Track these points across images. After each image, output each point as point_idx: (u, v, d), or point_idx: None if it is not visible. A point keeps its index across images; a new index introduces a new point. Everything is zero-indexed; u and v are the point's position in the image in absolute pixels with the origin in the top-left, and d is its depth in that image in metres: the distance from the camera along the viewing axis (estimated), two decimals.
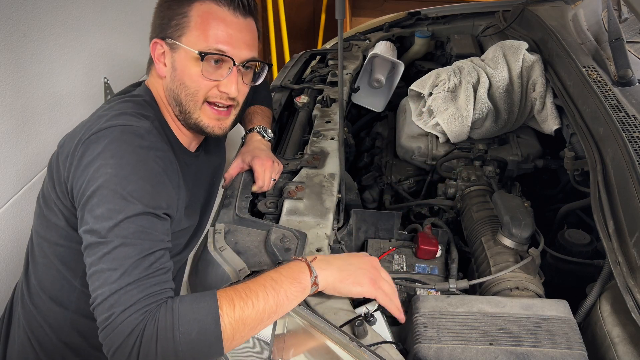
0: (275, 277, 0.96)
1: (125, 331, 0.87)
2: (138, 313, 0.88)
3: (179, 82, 1.12)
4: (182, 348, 0.87)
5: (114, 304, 0.88)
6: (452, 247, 1.38)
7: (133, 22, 2.35)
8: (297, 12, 4.63)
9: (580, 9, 2.08)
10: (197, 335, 0.88)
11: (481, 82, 1.75)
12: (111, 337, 0.87)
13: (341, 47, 1.15)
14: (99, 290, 0.90)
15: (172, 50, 1.11)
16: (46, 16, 1.78)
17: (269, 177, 1.39)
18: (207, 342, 0.89)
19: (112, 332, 0.87)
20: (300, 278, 0.98)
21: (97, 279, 0.91)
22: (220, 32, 1.09)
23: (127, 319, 0.87)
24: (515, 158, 1.68)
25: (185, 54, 1.10)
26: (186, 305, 0.90)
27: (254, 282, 0.95)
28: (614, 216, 1.13)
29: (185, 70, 1.11)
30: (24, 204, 1.74)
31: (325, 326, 0.99)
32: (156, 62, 1.14)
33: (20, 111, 1.68)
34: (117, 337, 0.87)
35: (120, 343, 0.87)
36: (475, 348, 0.97)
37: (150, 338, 0.86)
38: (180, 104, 1.14)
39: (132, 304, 0.88)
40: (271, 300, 0.93)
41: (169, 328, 0.87)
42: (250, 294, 0.92)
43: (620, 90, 1.46)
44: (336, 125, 1.69)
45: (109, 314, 0.88)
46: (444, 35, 2.52)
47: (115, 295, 0.89)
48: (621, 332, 0.98)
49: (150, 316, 0.88)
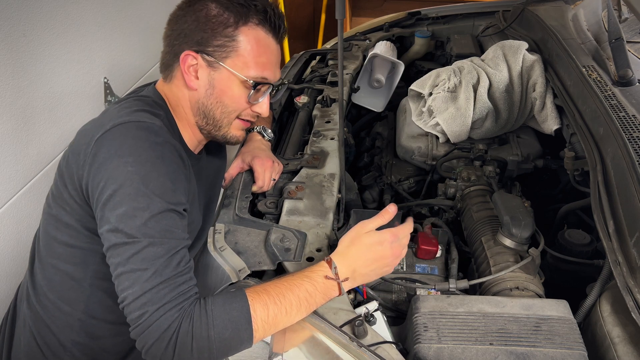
0: (311, 291, 1.00)
1: (161, 327, 0.89)
2: (173, 310, 0.91)
3: (216, 100, 1.13)
4: (217, 346, 0.92)
5: (146, 303, 0.91)
6: (452, 247, 1.37)
7: (133, 22, 2.35)
8: (297, 12, 4.63)
9: (580, 9, 2.08)
10: (230, 335, 0.93)
11: (481, 82, 1.75)
12: (146, 333, 0.90)
13: (341, 47, 1.15)
14: (130, 290, 0.92)
15: (211, 67, 1.11)
16: (46, 16, 1.78)
17: (269, 177, 1.39)
18: (239, 340, 0.94)
19: (147, 328, 0.90)
20: (331, 294, 1.03)
21: (127, 279, 0.92)
22: (266, 60, 1.12)
23: (162, 316, 0.90)
24: (515, 158, 1.68)
25: (229, 76, 1.11)
26: (219, 306, 0.94)
27: (288, 289, 0.99)
28: (614, 216, 1.13)
29: (227, 91, 1.12)
30: (24, 204, 1.74)
31: (325, 326, 0.99)
32: (186, 73, 1.12)
33: (20, 111, 1.68)
34: (153, 333, 0.89)
35: (157, 338, 0.89)
36: (475, 348, 0.97)
37: (187, 334, 0.90)
38: (213, 118, 1.16)
39: (166, 302, 0.91)
40: (303, 311, 1.00)
41: (204, 327, 0.91)
42: (284, 301, 0.97)
43: (620, 90, 1.46)
44: (336, 125, 1.69)
45: (141, 312, 0.90)
46: (444, 35, 2.52)
47: (147, 294, 0.91)
48: (621, 332, 0.98)
49: (185, 314, 0.91)
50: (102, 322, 1.16)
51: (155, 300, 0.91)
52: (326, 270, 1.03)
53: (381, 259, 1.06)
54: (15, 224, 1.71)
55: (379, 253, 1.06)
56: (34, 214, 1.76)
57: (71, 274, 1.12)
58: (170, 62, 1.15)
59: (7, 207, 1.67)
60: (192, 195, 1.13)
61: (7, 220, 1.68)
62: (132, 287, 0.92)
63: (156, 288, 0.91)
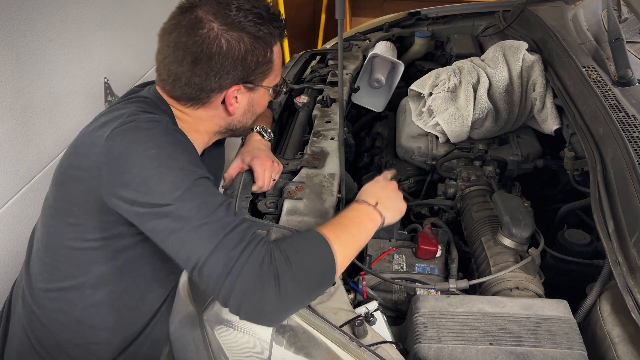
0: (357, 215, 1.12)
1: (256, 262, 0.90)
2: (259, 245, 0.92)
3: (252, 114, 1.24)
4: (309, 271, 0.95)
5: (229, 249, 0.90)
6: (452, 247, 1.37)
7: (133, 22, 2.35)
8: (297, 12, 4.63)
9: (580, 9, 2.08)
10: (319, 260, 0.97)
11: (481, 82, 1.75)
12: (242, 278, 0.88)
13: (341, 47, 1.15)
14: (201, 247, 0.91)
15: (250, 91, 1.18)
16: (46, 16, 1.78)
17: (268, 177, 1.39)
18: (326, 266, 0.98)
19: (240, 273, 0.88)
20: (374, 218, 1.15)
21: (191, 241, 0.92)
22: (281, 65, 1.24)
23: (252, 253, 0.91)
24: (515, 158, 1.68)
25: (264, 92, 1.21)
26: (297, 238, 1.01)
27: (342, 219, 1.09)
28: (614, 216, 1.13)
29: (261, 103, 1.23)
30: (24, 204, 1.74)
31: (325, 326, 0.99)
32: (229, 104, 1.16)
33: (20, 111, 1.68)
34: (250, 273, 0.89)
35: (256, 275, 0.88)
36: (475, 348, 0.97)
37: (283, 262, 0.92)
38: (244, 127, 1.26)
39: (249, 241, 0.92)
40: (363, 234, 1.10)
41: (294, 254, 0.94)
42: (346, 229, 1.06)
43: (620, 90, 1.46)
44: (336, 125, 1.69)
45: (227, 260, 0.89)
46: (444, 35, 2.52)
47: (225, 242, 0.91)
48: (621, 332, 0.98)
49: (271, 247, 0.93)
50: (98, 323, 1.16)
51: (234, 244, 0.91)
52: (356, 202, 1.16)
53: (387, 187, 1.24)
54: (15, 224, 1.71)
55: (382, 184, 1.25)
56: (34, 214, 1.75)
57: (69, 275, 1.12)
58: (197, 95, 1.13)
59: (7, 207, 1.67)
60: None
61: (7, 220, 1.68)
62: (202, 244, 0.91)
63: (229, 235, 0.92)
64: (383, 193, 1.21)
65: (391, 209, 1.20)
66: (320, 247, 0.98)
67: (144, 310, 1.21)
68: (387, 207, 1.18)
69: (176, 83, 1.11)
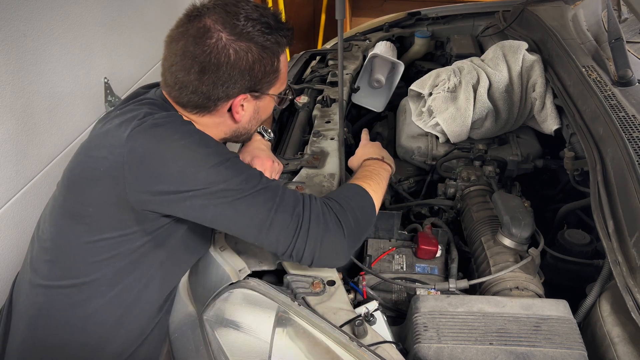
0: (375, 169, 1.31)
1: (319, 213, 1.05)
2: (312, 200, 1.08)
3: (257, 121, 1.25)
4: (359, 213, 1.11)
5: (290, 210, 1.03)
6: (452, 247, 1.38)
7: (133, 22, 2.35)
8: (297, 12, 4.63)
9: (580, 9, 2.08)
10: (363, 205, 1.15)
11: (481, 82, 1.75)
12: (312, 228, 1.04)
13: (341, 47, 1.15)
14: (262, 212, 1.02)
15: (257, 99, 1.19)
16: (46, 16, 1.78)
17: None
18: (370, 209, 1.17)
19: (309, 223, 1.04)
20: (387, 168, 1.36)
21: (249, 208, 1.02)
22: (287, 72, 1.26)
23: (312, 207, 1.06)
24: (515, 158, 1.68)
25: (270, 99, 1.22)
26: (341, 190, 1.19)
27: (367, 172, 1.29)
28: (614, 216, 1.13)
29: (267, 110, 1.25)
30: (24, 203, 1.74)
31: (325, 326, 0.99)
32: (236, 112, 1.17)
33: (20, 111, 1.68)
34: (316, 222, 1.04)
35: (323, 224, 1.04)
36: (475, 348, 0.98)
37: (340, 209, 1.08)
38: (248, 133, 1.28)
39: (302, 198, 1.07)
40: (383, 181, 1.29)
41: (344, 201, 1.11)
42: (374, 179, 1.25)
43: (620, 90, 1.46)
44: (336, 125, 1.69)
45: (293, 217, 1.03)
46: (444, 35, 2.52)
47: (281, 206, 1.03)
48: (621, 332, 0.98)
49: (322, 200, 1.10)
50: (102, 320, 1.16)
51: (293, 203, 1.04)
52: (366, 160, 1.38)
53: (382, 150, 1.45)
54: (15, 223, 1.71)
55: (379, 147, 1.47)
56: (34, 214, 1.76)
57: (74, 273, 1.12)
58: (204, 104, 1.13)
59: (7, 207, 1.67)
60: None
61: (7, 220, 1.68)
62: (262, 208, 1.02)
63: (282, 197, 1.04)
64: (381, 151, 1.45)
65: (391, 161, 1.42)
66: (361, 194, 1.17)
67: (147, 309, 1.21)
68: (389, 159, 1.41)
69: (183, 90, 1.11)
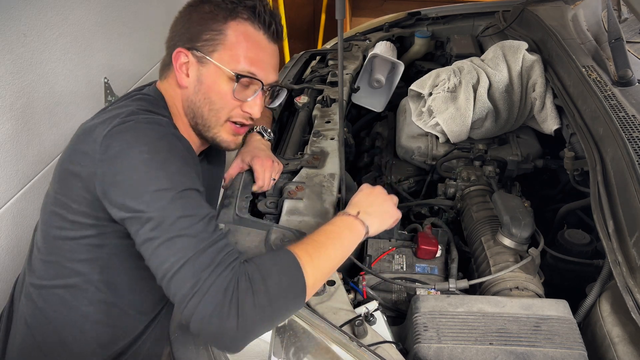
0: (336, 230, 1.08)
1: (220, 289, 0.88)
2: (227, 270, 0.90)
3: (203, 96, 1.14)
4: (276, 299, 0.91)
5: (197, 269, 0.89)
6: (452, 247, 1.38)
7: (133, 22, 2.35)
8: (297, 12, 4.63)
9: (580, 9, 2.08)
10: (287, 284, 0.93)
11: (481, 82, 1.75)
12: (205, 301, 0.87)
13: (341, 47, 1.15)
14: (170, 260, 0.90)
15: (200, 63, 1.13)
16: (46, 16, 1.78)
17: (269, 177, 1.39)
18: (295, 291, 0.94)
19: (204, 295, 0.87)
20: (356, 229, 1.10)
21: (161, 253, 0.91)
22: (254, 55, 1.12)
23: (218, 278, 0.89)
24: (515, 158, 1.68)
25: (215, 71, 1.12)
26: (268, 260, 0.96)
27: (319, 235, 1.05)
28: (614, 216, 1.13)
29: (213, 86, 1.13)
30: (24, 203, 1.74)
31: (325, 326, 0.99)
32: (177, 71, 1.14)
33: (20, 111, 1.68)
34: (212, 297, 0.87)
35: (218, 302, 0.87)
36: (475, 348, 0.98)
37: (246, 291, 0.89)
38: (201, 116, 1.16)
39: (218, 264, 0.90)
40: (339, 249, 1.05)
41: (260, 281, 0.91)
42: (321, 246, 1.02)
43: (620, 90, 1.46)
44: (336, 125, 1.69)
45: (195, 280, 0.88)
46: (444, 35, 2.52)
47: (195, 260, 0.90)
48: (621, 332, 0.98)
49: (239, 271, 0.91)
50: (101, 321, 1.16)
51: (205, 263, 0.89)
52: (338, 214, 1.13)
53: (372, 193, 1.20)
54: (15, 223, 1.71)
55: (368, 191, 1.21)
56: (34, 214, 1.76)
57: (71, 272, 1.12)
58: (166, 62, 1.18)
59: (7, 207, 1.67)
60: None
61: (7, 220, 1.68)
62: (174, 256, 0.90)
63: (201, 252, 0.90)
64: (366, 200, 1.17)
65: (377, 216, 1.15)
66: (290, 270, 0.95)
67: (141, 309, 1.21)
68: (371, 215, 1.14)
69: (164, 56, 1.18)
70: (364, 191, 1.21)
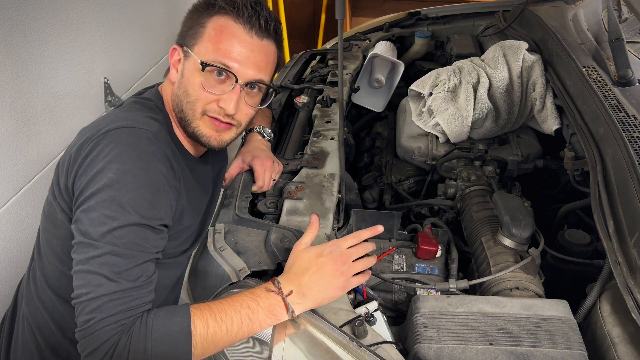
0: (253, 307, 0.98)
1: (101, 338, 0.90)
2: (116, 324, 0.91)
3: (183, 89, 1.13)
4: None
5: (95, 309, 0.92)
6: (452, 247, 1.38)
7: (133, 22, 2.35)
8: (297, 12, 4.63)
9: (580, 9, 2.08)
10: (168, 349, 0.92)
11: (481, 82, 1.75)
12: (87, 340, 0.91)
13: (341, 47, 1.15)
14: (83, 289, 0.93)
15: (185, 57, 1.14)
16: (46, 16, 1.78)
17: (269, 177, 1.39)
18: (176, 356, 0.92)
19: (89, 335, 0.91)
20: (276, 312, 1.00)
21: (82, 278, 0.94)
22: (230, 48, 1.09)
23: (104, 327, 0.91)
24: (515, 158, 1.68)
25: (193, 63, 1.11)
26: (160, 320, 0.94)
27: (231, 305, 0.97)
28: (614, 216, 1.13)
29: (190, 78, 1.12)
30: (24, 204, 1.74)
31: (325, 326, 0.99)
32: (172, 67, 1.17)
33: (20, 111, 1.68)
34: (93, 341, 0.91)
35: (95, 348, 0.90)
36: (475, 348, 0.97)
37: (123, 349, 0.90)
38: (181, 110, 1.14)
39: (113, 314, 0.92)
40: (245, 328, 0.97)
41: (141, 341, 0.91)
42: (225, 319, 0.95)
43: (620, 90, 1.46)
44: (336, 125, 1.69)
45: (89, 317, 0.92)
46: (444, 35, 2.52)
47: (98, 301, 0.92)
48: (621, 332, 0.98)
49: (125, 329, 0.91)
50: None
51: (104, 309, 0.91)
52: (269, 285, 1.01)
53: (323, 269, 1.02)
54: (15, 223, 1.71)
55: (320, 263, 1.03)
56: (34, 214, 1.76)
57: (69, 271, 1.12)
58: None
59: (7, 207, 1.67)
60: (181, 207, 1.12)
61: (7, 220, 1.68)
62: (85, 287, 0.93)
63: (109, 297, 0.92)
64: (309, 279, 1.02)
65: (313, 298, 1.01)
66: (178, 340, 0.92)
67: None
68: (307, 297, 1.01)
69: None
70: (310, 252, 1.05)
